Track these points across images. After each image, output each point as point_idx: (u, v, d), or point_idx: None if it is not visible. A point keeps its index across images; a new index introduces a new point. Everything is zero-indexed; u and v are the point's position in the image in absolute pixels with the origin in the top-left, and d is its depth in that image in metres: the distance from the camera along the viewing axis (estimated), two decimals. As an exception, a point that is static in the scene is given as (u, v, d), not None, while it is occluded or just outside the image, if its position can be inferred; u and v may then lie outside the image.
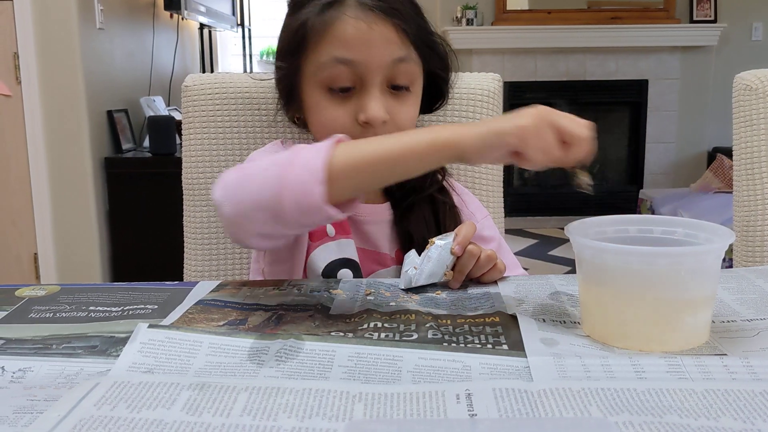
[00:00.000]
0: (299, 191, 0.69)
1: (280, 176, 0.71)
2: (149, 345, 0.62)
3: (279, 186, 0.70)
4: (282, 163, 0.72)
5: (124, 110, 3.24)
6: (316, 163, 0.70)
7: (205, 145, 1.16)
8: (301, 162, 0.71)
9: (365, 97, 0.88)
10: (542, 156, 0.68)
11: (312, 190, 0.69)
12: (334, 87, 0.89)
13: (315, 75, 0.90)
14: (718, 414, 0.48)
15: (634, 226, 0.71)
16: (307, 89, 0.92)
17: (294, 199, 0.70)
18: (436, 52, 0.96)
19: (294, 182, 0.70)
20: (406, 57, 0.89)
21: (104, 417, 0.49)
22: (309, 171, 0.69)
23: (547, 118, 0.68)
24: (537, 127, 0.67)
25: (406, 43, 0.89)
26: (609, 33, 4.56)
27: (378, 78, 0.88)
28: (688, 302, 0.62)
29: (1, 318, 0.74)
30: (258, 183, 0.73)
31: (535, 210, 4.87)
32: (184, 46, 4.12)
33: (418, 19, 0.92)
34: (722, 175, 4.18)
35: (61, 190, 2.92)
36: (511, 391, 0.52)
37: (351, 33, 0.86)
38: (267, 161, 0.76)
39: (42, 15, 2.80)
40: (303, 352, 0.61)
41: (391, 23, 0.87)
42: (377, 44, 0.87)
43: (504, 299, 0.77)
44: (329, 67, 0.88)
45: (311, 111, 0.94)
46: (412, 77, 0.92)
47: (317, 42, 0.88)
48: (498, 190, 1.20)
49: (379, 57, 0.87)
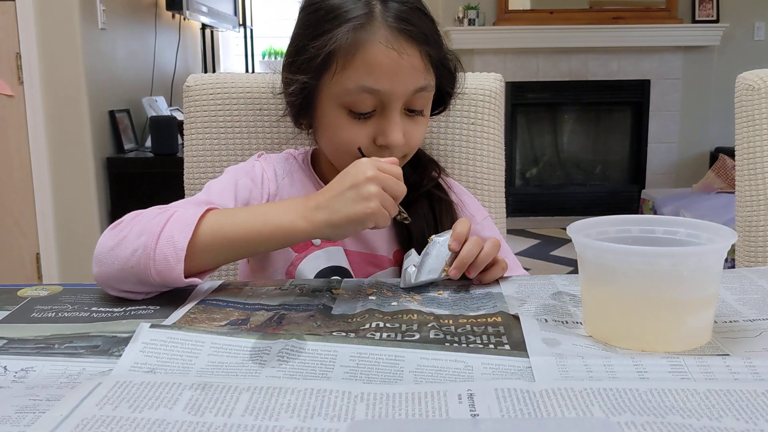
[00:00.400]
0: (162, 266, 0.76)
1: (147, 247, 0.76)
2: (151, 345, 0.62)
3: (145, 257, 0.76)
4: (152, 231, 0.77)
5: (126, 110, 3.24)
6: (181, 241, 0.76)
7: (207, 145, 1.16)
8: (168, 235, 0.76)
9: (385, 122, 0.89)
10: (386, 221, 0.79)
11: (174, 266, 0.75)
12: (356, 110, 0.89)
13: (337, 97, 0.89)
14: (721, 414, 0.48)
15: (636, 227, 0.71)
16: (326, 107, 0.92)
17: (157, 270, 0.76)
18: (448, 69, 0.96)
19: (159, 256, 0.76)
20: (427, 85, 0.90)
21: (106, 417, 0.49)
22: (174, 248, 0.76)
23: (382, 188, 0.77)
24: (380, 204, 0.77)
25: (429, 69, 0.90)
26: (611, 33, 4.55)
27: (399, 104, 0.89)
28: (690, 302, 0.62)
29: (3, 318, 0.74)
30: (128, 251, 0.77)
31: (537, 210, 4.87)
32: (186, 47, 4.12)
33: (437, 37, 0.92)
34: (724, 176, 4.18)
35: (63, 190, 2.92)
36: (513, 391, 0.52)
37: (381, 61, 0.86)
38: (140, 227, 0.78)
39: (44, 15, 2.81)
40: (305, 352, 0.61)
41: (418, 50, 0.88)
42: (404, 74, 0.87)
43: (506, 299, 0.77)
44: (355, 93, 0.88)
45: (327, 128, 0.93)
46: (427, 102, 0.94)
47: (345, 65, 0.87)
48: (500, 190, 1.20)
49: (404, 87, 0.88)
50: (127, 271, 0.77)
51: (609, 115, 4.97)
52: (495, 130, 1.18)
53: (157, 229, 0.77)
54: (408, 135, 0.91)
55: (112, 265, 0.78)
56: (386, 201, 0.77)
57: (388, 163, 0.80)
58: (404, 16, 0.87)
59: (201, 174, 1.17)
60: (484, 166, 1.17)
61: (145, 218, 0.80)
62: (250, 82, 1.17)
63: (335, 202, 0.77)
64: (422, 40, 0.88)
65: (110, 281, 0.79)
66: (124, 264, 0.77)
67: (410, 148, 0.94)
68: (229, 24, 4.52)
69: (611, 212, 0.82)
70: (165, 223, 0.77)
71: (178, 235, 0.76)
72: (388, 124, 0.89)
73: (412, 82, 0.88)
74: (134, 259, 0.76)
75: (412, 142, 0.93)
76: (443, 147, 1.17)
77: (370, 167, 0.78)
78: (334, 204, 0.77)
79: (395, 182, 0.78)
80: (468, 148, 1.17)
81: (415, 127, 0.93)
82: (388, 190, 0.78)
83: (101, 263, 0.79)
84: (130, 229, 0.78)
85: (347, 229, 0.79)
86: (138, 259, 0.76)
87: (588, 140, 5.03)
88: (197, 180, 1.17)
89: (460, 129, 1.17)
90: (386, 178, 0.78)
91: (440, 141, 1.17)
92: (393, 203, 0.78)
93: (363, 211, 0.76)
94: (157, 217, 0.79)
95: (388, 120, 0.89)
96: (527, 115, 4.92)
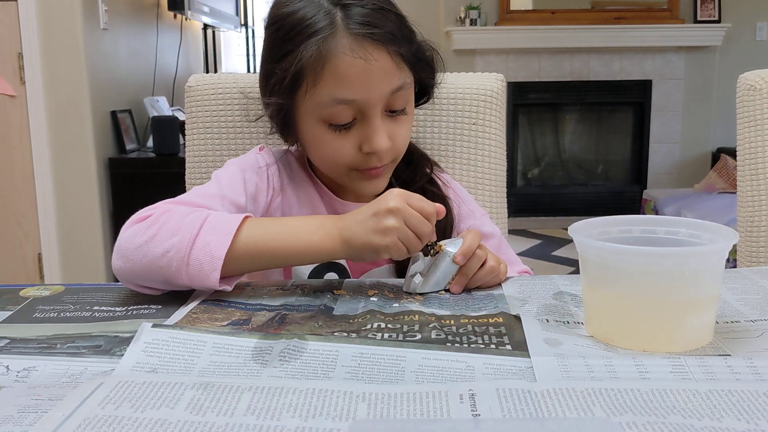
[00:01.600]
0: (197, 272, 0.75)
1: (180, 250, 0.75)
2: (153, 345, 0.62)
3: (178, 260, 0.75)
4: (187, 234, 0.76)
5: (127, 110, 3.24)
6: (219, 250, 0.75)
7: (209, 145, 1.16)
8: (204, 241, 0.76)
9: (368, 129, 0.88)
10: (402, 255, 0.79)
11: (208, 274, 0.75)
12: (335, 123, 0.88)
13: (314, 112, 0.89)
14: (722, 414, 0.48)
15: (637, 227, 0.71)
16: (306, 123, 0.91)
17: (189, 275, 0.76)
18: (425, 61, 0.94)
19: (193, 262, 0.75)
20: (403, 84, 0.89)
21: (108, 416, 0.49)
22: (210, 256, 0.75)
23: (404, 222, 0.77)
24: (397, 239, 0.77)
25: (402, 67, 0.88)
26: (613, 33, 4.56)
27: (378, 109, 0.88)
28: (691, 303, 0.62)
29: (5, 318, 0.74)
30: (159, 251, 0.76)
31: (539, 210, 4.87)
32: (187, 47, 4.13)
33: (407, 33, 0.90)
34: (726, 176, 4.18)
35: (65, 191, 2.93)
36: (514, 391, 0.52)
37: (350, 72, 0.85)
38: (172, 226, 0.77)
39: (46, 15, 2.81)
40: (306, 352, 0.61)
41: (386, 51, 0.86)
42: (376, 78, 0.86)
43: (507, 299, 0.77)
44: (329, 106, 0.87)
45: (311, 143, 0.93)
46: (408, 99, 0.92)
47: (314, 81, 0.86)
48: (501, 190, 1.20)
49: (379, 91, 0.87)
50: (155, 270, 0.76)
51: (611, 116, 4.96)
52: (496, 130, 1.18)
53: (191, 231, 0.76)
54: (393, 136, 0.90)
55: (139, 262, 0.76)
56: (406, 236, 0.77)
57: (419, 198, 0.79)
58: (367, 20, 0.85)
59: (203, 174, 1.17)
60: (486, 166, 1.17)
61: (176, 216, 0.78)
62: (252, 81, 1.17)
63: (357, 228, 0.77)
64: (389, 41, 0.85)
65: (134, 278, 0.78)
66: (152, 263, 0.76)
67: (397, 150, 0.93)
68: (230, 24, 4.53)
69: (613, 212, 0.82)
70: (200, 226, 0.77)
71: (216, 243, 0.76)
72: (371, 130, 0.88)
73: (386, 85, 0.87)
74: (165, 260, 0.75)
75: (399, 143, 0.92)
76: (444, 147, 1.17)
77: (395, 199, 0.77)
78: (356, 229, 0.77)
79: (419, 220, 0.77)
80: (469, 148, 1.17)
81: (400, 127, 0.92)
82: (410, 226, 0.77)
83: (127, 259, 0.77)
84: (160, 227, 0.77)
85: (365, 255, 0.79)
86: (169, 260, 0.75)
87: (590, 140, 5.03)
88: (199, 180, 1.17)
89: (461, 129, 1.17)
90: (411, 214, 0.76)
91: (441, 141, 1.17)
92: (415, 240, 0.77)
93: (378, 242, 0.77)
94: (190, 216, 0.78)
95: (369, 127, 0.88)
96: (529, 116, 4.92)
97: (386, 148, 0.89)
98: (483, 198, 1.17)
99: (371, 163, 0.90)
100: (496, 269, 0.83)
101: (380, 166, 0.91)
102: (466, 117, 1.17)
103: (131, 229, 0.79)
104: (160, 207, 0.81)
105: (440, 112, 1.16)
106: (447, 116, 1.16)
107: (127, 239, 0.78)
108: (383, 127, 0.89)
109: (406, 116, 0.92)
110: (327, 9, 0.85)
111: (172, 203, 0.83)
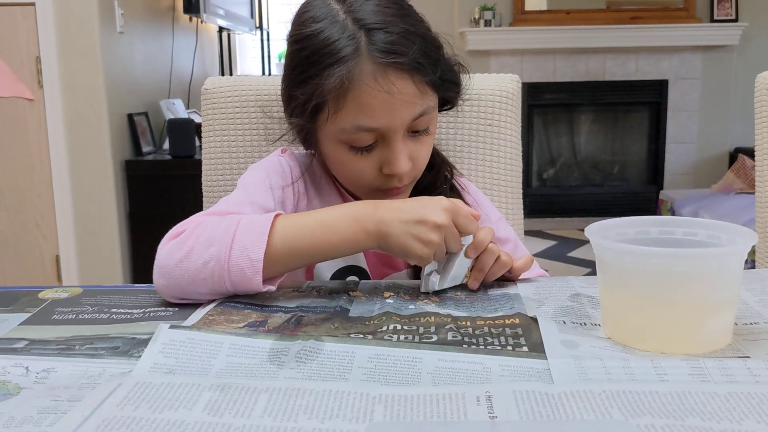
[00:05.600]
0: (239, 279, 0.76)
1: (220, 259, 0.75)
2: (170, 346, 0.63)
3: (219, 269, 0.75)
4: (223, 242, 0.76)
5: (144, 113, 3.26)
6: (256, 253, 0.75)
7: (225, 147, 1.17)
8: (241, 246, 0.76)
9: (389, 152, 0.88)
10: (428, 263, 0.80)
11: (251, 278, 0.75)
12: (356, 146, 0.88)
13: (335, 135, 0.88)
14: (741, 417, 0.48)
15: (655, 228, 0.70)
16: (327, 145, 0.91)
17: (233, 282, 0.76)
18: (451, 81, 0.93)
19: (234, 268, 0.75)
20: (426, 109, 0.88)
21: (127, 417, 0.49)
22: (249, 260, 0.75)
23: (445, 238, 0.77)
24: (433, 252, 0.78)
25: (426, 92, 0.87)
26: (629, 33, 4.53)
27: (400, 134, 0.87)
28: (710, 304, 0.61)
29: (24, 320, 0.74)
30: (199, 263, 0.76)
31: (555, 211, 4.85)
32: (203, 49, 4.15)
33: (433, 55, 0.87)
34: (744, 176, 4.14)
35: (82, 193, 2.95)
36: (531, 393, 0.52)
37: (373, 102, 0.84)
38: (207, 237, 0.77)
39: (63, 19, 2.84)
40: (323, 353, 0.61)
41: (410, 80, 0.84)
42: (399, 108, 0.85)
43: (524, 301, 0.77)
44: (351, 133, 0.86)
45: (332, 162, 0.94)
46: (431, 120, 0.91)
47: (337, 108, 0.85)
48: (517, 191, 1.19)
49: (401, 119, 0.86)
50: (199, 282, 0.76)
51: (627, 116, 4.93)
52: (512, 131, 1.17)
53: (227, 239, 0.76)
54: (414, 157, 0.90)
55: (182, 278, 0.76)
56: (440, 251, 0.78)
57: (466, 216, 0.79)
58: (391, 48, 0.83)
59: (219, 176, 1.17)
60: (501, 167, 1.17)
61: (209, 227, 0.78)
62: (268, 84, 1.17)
63: (397, 226, 0.77)
64: (414, 69, 0.84)
65: (179, 293, 0.78)
66: (196, 276, 0.76)
67: (418, 170, 0.92)
68: (245, 27, 4.55)
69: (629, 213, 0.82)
70: (234, 232, 0.76)
71: (252, 246, 0.75)
72: (392, 154, 0.87)
73: (409, 113, 0.86)
74: (207, 272, 0.75)
75: (420, 164, 0.92)
76: (460, 148, 1.17)
77: (445, 216, 0.77)
78: (395, 227, 0.77)
79: (457, 239, 0.78)
80: (485, 149, 1.17)
81: (421, 146, 0.91)
82: (447, 241, 0.78)
83: (169, 276, 0.77)
84: (196, 240, 0.77)
85: (396, 253, 0.79)
86: (211, 271, 0.75)
87: (606, 141, 5.01)
88: (215, 182, 1.18)
89: (476, 130, 1.16)
90: (453, 234, 0.77)
91: (457, 142, 1.17)
92: (443, 251, 0.79)
93: (416, 251, 0.77)
94: (223, 224, 0.78)
95: (390, 150, 0.87)
96: (544, 116, 4.90)
97: (407, 171, 0.89)
98: (498, 199, 1.16)
99: (392, 183, 0.90)
100: (509, 262, 0.83)
101: (400, 186, 0.92)
102: (481, 118, 1.16)
103: (168, 246, 0.78)
104: (193, 220, 0.81)
105: (455, 114, 1.16)
106: (462, 117, 1.16)
107: (166, 257, 0.78)
108: (404, 150, 0.88)
109: (428, 136, 0.92)
110: (351, 32, 0.84)
111: (203, 215, 0.83)
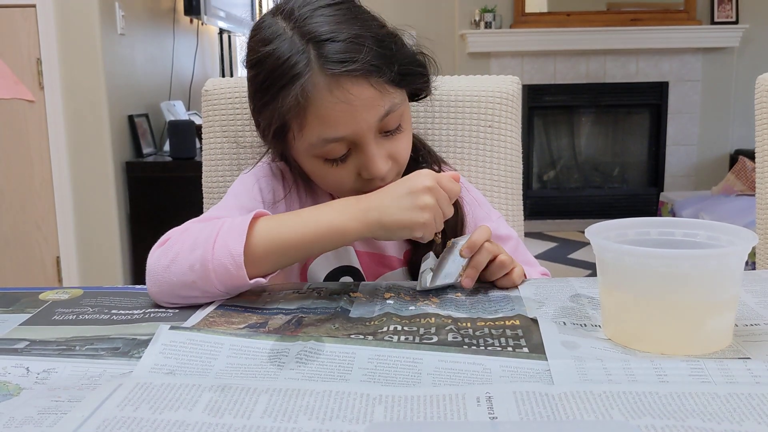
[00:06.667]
0: (224, 276, 0.76)
1: (204, 260, 0.76)
2: (171, 347, 0.63)
3: (204, 270, 0.76)
4: (206, 244, 0.77)
5: (144, 115, 3.27)
6: (236, 248, 0.76)
7: (226, 148, 1.17)
8: (222, 244, 0.76)
9: (364, 157, 0.86)
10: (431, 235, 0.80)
11: (235, 274, 0.76)
12: (330, 158, 0.87)
13: (307, 151, 0.88)
14: (742, 418, 0.48)
15: (655, 229, 0.70)
16: (302, 159, 0.91)
17: (220, 281, 0.76)
18: (414, 73, 0.90)
19: (219, 267, 0.76)
20: (392, 106, 0.86)
21: (127, 418, 0.49)
22: (230, 255, 0.76)
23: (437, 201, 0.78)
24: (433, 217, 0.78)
25: (386, 91, 0.84)
26: (629, 35, 4.53)
27: (370, 137, 0.86)
28: (710, 305, 0.61)
29: (25, 320, 0.75)
30: (185, 267, 0.77)
31: (555, 213, 4.85)
32: (203, 51, 4.15)
33: (389, 53, 0.85)
34: (744, 178, 4.14)
35: (83, 195, 2.95)
36: (531, 394, 0.52)
37: (333, 113, 0.82)
38: (191, 242, 0.78)
39: (64, 21, 2.84)
40: (323, 354, 0.61)
41: (367, 83, 0.82)
42: (361, 113, 0.83)
43: (524, 302, 0.77)
44: (321, 146, 0.85)
45: (313, 175, 0.93)
46: (401, 116, 0.89)
47: (300, 126, 0.84)
48: (517, 192, 1.19)
49: (367, 123, 0.84)
50: (189, 285, 0.77)
51: (627, 118, 4.94)
52: (512, 133, 1.17)
53: (210, 241, 0.77)
54: (393, 155, 0.89)
55: (171, 283, 0.77)
56: (437, 215, 0.78)
57: (449, 179, 0.80)
58: (342, 56, 0.81)
59: (219, 178, 1.17)
60: (501, 169, 1.17)
61: (193, 232, 0.79)
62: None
63: (389, 206, 0.77)
64: (369, 72, 0.82)
65: (171, 297, 0.79)
66: (184, 279, 0.77)
67: (400, 166, 0.91)
68: (246, 28, 4.54)
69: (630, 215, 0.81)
70: (216, 233, 0.77)
71: (233, 242, 0.76)
72: (367, 158, 0.86)
73: (373, 116, 0.84)
74: (194, 274, 0.76)
75: (400, 160, 0.91)
76: (460, 150, 1.17)
77: (429, 179, 0.78)
78: (387, 207, 0.78)
79: (447, 201, 0.79)
80: (485, 151, 1.17)
81: (398, 143, 0.89)
82: (440, 205, 0.78)
83: (158, 283, 0.78)
84: (181, 245, 0.78)
85: (397, 233, 0.79)
86: (198, 273, 0.76)
87: (606, 143, 5.01)
88: (216, 183, 1.18)
89: (477, 132, 1.16)
90: (442, 195, 0.78)
91: (457, 144, 1.17)
92: (441, 219, 0.79)
93: (416, 219, 0.77)
94: (206, 229, 0.79)
95: (366, 155, 0.86)
96: (544, 118, 4.91)
97: (386, 172, 0.88)
98: (499, 201, 1.17)
99: (375, 185, 0.88)
100: (509, 263, 0.83)
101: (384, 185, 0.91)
102: (481, 120, 1.16)
103: (156, 253, 0.80)
104: (180, 228, 0.82)
105: (455, 115, 1.16)
106: (462, 119, 1.16)
107: (154, 264, 0.79)
108: (380, 152, 0.87)
109: (402, 132, 0.90)
110: (300, 48, 0.82)
111: (190, 222, 0.84)
